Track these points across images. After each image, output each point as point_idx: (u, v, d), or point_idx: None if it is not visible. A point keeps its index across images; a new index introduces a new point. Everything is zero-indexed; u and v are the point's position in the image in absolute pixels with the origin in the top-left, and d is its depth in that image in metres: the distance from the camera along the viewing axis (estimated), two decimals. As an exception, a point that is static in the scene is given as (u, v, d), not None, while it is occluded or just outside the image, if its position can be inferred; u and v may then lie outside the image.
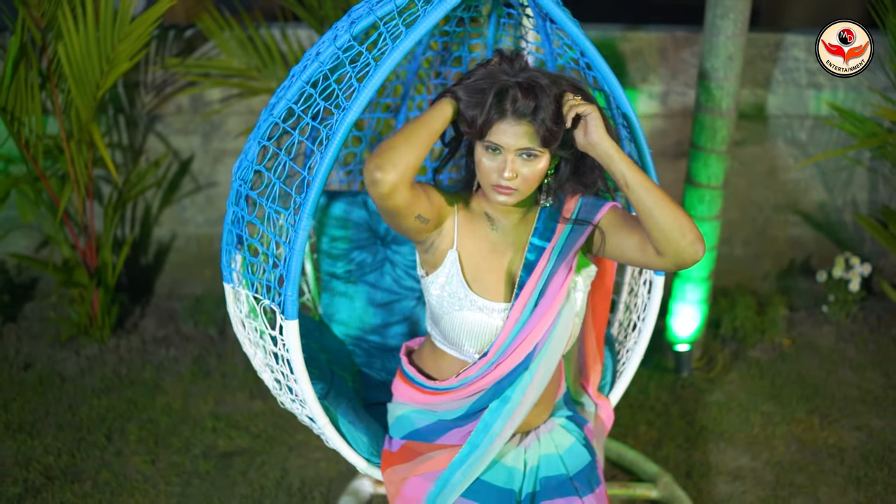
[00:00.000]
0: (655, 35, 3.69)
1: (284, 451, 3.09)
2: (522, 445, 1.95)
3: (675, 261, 1.67)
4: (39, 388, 3.42)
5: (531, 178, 1.75)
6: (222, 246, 2.00)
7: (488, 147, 1.74)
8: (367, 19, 1.77)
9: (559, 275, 1.80)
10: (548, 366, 1.84)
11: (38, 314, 3.91)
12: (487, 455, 1.85)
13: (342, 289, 2.49)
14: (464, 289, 1.82)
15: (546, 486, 1.87)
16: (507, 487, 1.86)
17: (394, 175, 1.64)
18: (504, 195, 1.76)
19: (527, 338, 1.80)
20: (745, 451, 3.09)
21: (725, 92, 3.12)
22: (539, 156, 1.74)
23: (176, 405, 3.34)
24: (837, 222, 3.99)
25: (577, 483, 1.88)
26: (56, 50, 3.23)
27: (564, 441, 1.96)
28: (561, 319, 1.81)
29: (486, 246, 1.85)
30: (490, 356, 1.82)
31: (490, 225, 1.86)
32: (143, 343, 3.73)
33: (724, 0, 3.01)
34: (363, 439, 2.00)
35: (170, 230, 4.03)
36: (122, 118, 3.79)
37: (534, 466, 1.91)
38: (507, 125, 1.71)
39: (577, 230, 1.82)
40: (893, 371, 3.52)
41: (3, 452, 3.07)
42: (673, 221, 1.64)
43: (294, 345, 1.84)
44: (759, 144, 3.86)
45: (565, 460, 1.92)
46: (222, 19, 3.48)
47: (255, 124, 3.72)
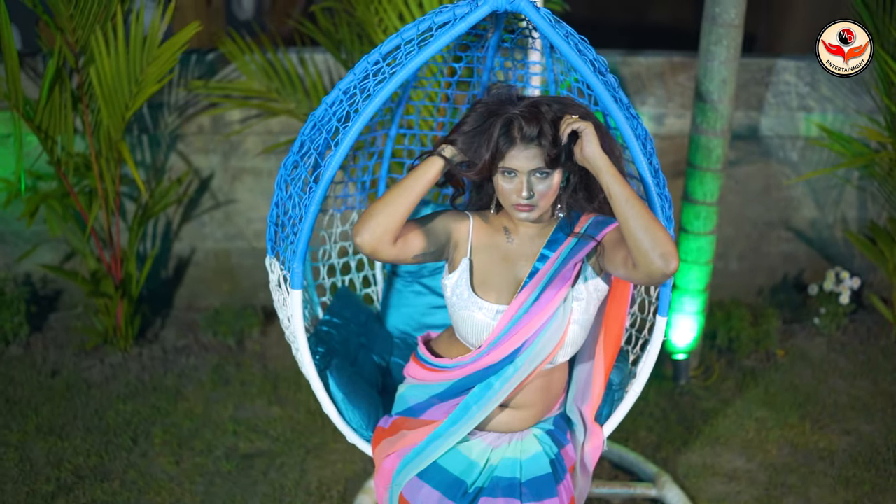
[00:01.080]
0: (654, 60, 3.89)
1: (302, 454, 3.25)
2: (492, 445, 2.09)
3: (646, 272, 1.80)
4: (67, 393, 3.59)
5: (547, 194, 1.93)
6: (268, 222, 2.26)
7: (504, 172, 1.93)
8: (393, 41, 2.01)
9: (557, 283, 1.97)
10: (532, 364, 1.99)
11: (62, 324, 4.08)
12: (457, 436, 2.02)
13: (402, 287, 2.69)
14: (469, 292, 2.01)
15: (495, 484, 2.01)
16: (461, 478, 2.01)
17: (372, 240, 1.88)
18: (524, 212, 1.95)
19: (516, 335, 1.97)
20: (739, 453, 3.25)
21: (720, 114, 3.31)
22: (551, 173, 1.92)
23: (197, 410, 3.50)
24: (828, 238, 4.18)
25: (526, 489, 1.99)
26: (88, 72, 3.42)
27: (530, 449, 2.08)
28: (552, 323, 1.97)
29: (500, 255, 2.04)
30: (483, 346, 2.01)
31: (506, 237, 2.05)
32: (164, 352, 3.90)
33: (718, 28, 3.20)
34: (355, 412, 2.20)
35: (189, 245, 4.21)
36: (145, 137, 3.98)
37: (493, 465, 2.05)
38: (517, 150, 1.90)
39: (581, 244, 1.99)
40: (881, 379, 3.69)
41: (36, 453, 3.23)
42: (646, 233, 1.78)
43: (296, 311, 2.10)
44: (752, 164, 4.05)
45: (523, 466, 2.04)
46: (244, 43, 3.67)
47: (272, 144, 3.93)
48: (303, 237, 2.02)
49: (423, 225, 2.01)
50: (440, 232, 2.03)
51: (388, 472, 2.08)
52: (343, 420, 2.20)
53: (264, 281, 4.22)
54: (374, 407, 2.25)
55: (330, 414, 2.20)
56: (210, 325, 3.98)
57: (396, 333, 2.67)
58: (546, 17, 1.91)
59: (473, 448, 2.06)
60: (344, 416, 2.21)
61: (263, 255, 4.22)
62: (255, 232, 4.19)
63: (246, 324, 3.98)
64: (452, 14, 1.94)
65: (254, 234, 4.19)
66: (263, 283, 4.25)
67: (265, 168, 4.07)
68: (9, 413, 3.46)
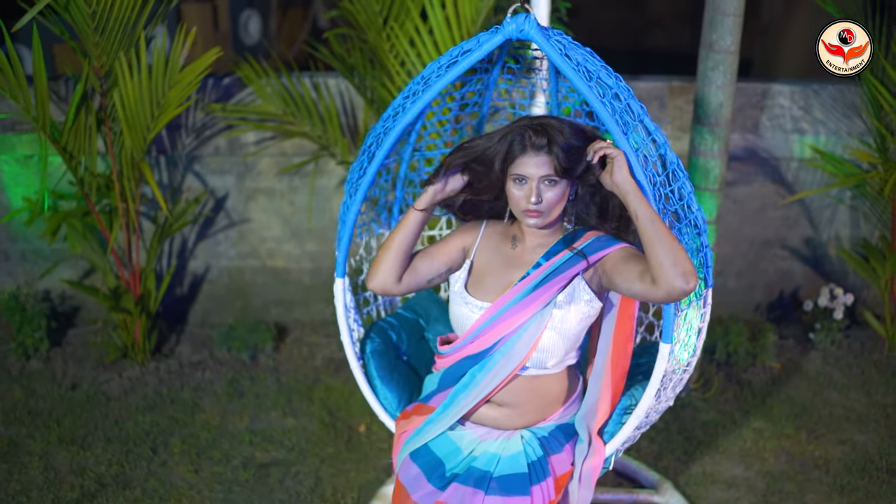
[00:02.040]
0: (653, 84, 4.04)
1: (317, 462, 3.37)
2: (481, 438, 2.23)
3: (667, 289, 1.93)
4: (87, 405, 3.71)
5: (554, 201, 2.08)
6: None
7: (516, 179, 2.09)
8: (432, 67, 2.26)
9: (542, 290, 2.11)
10: (508, 361, 2.13)
11: (80, 340, 4.20)
12: (450, 419, 2.21)
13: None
14: (461, 288, 2.22)
15: (470, 474, 2.13)
16: (443, 461, 2.18)
17: (377, 286, 2.22)
18: (533, 217, 2.09)
19: (493, 331, 2.14)
20: (738, 462, 3.37)
21: (717, 136, 3.46)
22: (559, 181, 2.07)
23: (214, 422, 3.62)
24: (823, 256, 4.32)
25: (495, 483, 2.10)
26: (111, 96, 3.57)
27: (512, 448, 2.19)
28: (529, 325, 2.11)
29: (501, 259, 2.22)
30: (463, 337, 2.20)
31: (512, 244, 2.22)
32: (181, 366, 4.02)
33: (715, 54, 3.36)
34: (389, 395, 2.46)
35: (204, 263, 4.34)
36: (163, 158, 4.12)
37: (474, 456, 2.18)
38: (528, 158, 2.06)
39: (575, 259, 2.13)
40: (875, 391, 3.82)
41: (59, 462, 3.34)
42: (669, 252, 1.92)
43: (338, 297, 2.44)
44: (749, 185, 4.20)
45: (500, 461, 2.16)
46: (259, 68, 3.83)
47: (286, 165, 4.08)
48: (346, 231, 2.34)
49: (432, 250, 2.25)
50: (451, 249, 2.25)
51: (396, 448, 2.31)
52: (377, 401, 2.45)
53: (276, 298, 4.38)
54: (408, 393, 2.47)
55: (365, 393, 2.46)
56: (224, 340, 4.10)
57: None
58: (556, 45, 2.06)
59: (464, 437, 2.23)
60: (378, 397, 2.45)
61: (275, 273, 4.36)
62: (267, 251, 4.33)
63: (259, 339, 4.10)
64: (477, 42, 2.14)
65: (267, 253, 4.33)
66: (275, 301, 4.40)
67: (278, 189, 4.21)
68: (32, 424, 3.57)
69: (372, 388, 2.48)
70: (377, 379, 2.48)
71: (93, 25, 3.37)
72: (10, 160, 4.10)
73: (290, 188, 4.21)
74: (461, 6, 3.37)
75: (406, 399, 2.47)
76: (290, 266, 4.35)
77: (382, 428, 3.57)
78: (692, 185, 2.23)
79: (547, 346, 2.13)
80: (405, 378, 2.52)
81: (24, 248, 4.30)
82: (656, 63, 5.25)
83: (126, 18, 3.41)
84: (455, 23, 3.40)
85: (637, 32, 10.87)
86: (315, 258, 4.33)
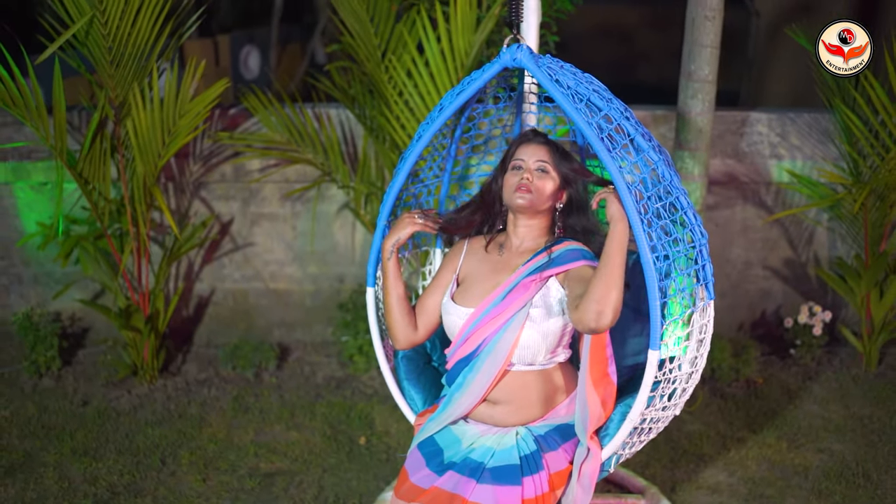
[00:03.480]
0: (638, 113, 4.26)
1: (320, 472, 3.52)
2: (481, 433, 2.40)
3: (580, 316, 2.09)
4: (98, 420, 3.86)
5: (542, 189, 2.32)
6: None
7: (513, 167, 2.37)
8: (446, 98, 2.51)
9: (519, 290, 2.30)
10: (495, 359, 2.30)
11: (90, 359, 4.37)
12: (448, 416, 2.40)
13: None
14: (448, 300, 2.44)
15: (466, 464, 2.29)
16: (443, 450, 2.36)
17: (402, 341, 2.48)
18: (522, 193, 2.32)
19: (476, 332, 2.33)
20: (722, 469, 3.54)
21: (697, 160, 3.67)
22: (549, 173, 2.32)
23: (220, 435, 3.77)
24: (802, 276, 4.52)
25: (488, 473, 2.25)
26: (125, 124, 3.77)
27: (507, 443, 2.34)
28: (510, 324, 2.29)
29: (488, 267, 2.43)
30: (454, 342, 2.41)
31: (499, 251, 2.43)
32: (187, 384, 4.18)
33: (694, 83, 3.58)
34: (416, 396, 2.66)
35: (209, 285, 4.52)
36: (171, 185, 4.32)
37: (472, 448, 2.34)
38: (526, 146, 2.39)
39: (549, 264, 2.32)
40: (853, 404, 4.00)
41: (73, 472, 3.49)
42: (605, 288, 2.06)
43: (370, 306, 2.65)
44: (730, 208, 4.41)
45: (495, 454, 2.31)
46: (265, 98, 4.04)
47: (289, 191, 4.28)
48: (375, 246, 2.58)
49: (431, 287, 2.51)
50: (445, 277, 2.49)
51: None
52: (403, 399, 2.67)
53: (279, 320, 4.56)
54: (434, 394, 2.67)
55: (393, 393, 2.69)
56: (229, 358, 4.27)
57: None
58: (545, 70, 2.26)
59: (466, 432, 2.40)
60: (405, 396, 2.68)
61: (278, 295, 4.54)
62: (271, 274, 4.51)
63: (263, 358, 4.27)
64: (481, 72, 2.40)
65: (270, 276, 4.51)
66: (278, 322, 4.57)
67: (281, 214, 4.41)
68: (45, 437, 3.73)
69: (400, 389, 2.70)
70: (405, 381, 2.70)
71: (109, 58, 3.58)
72: (25, 187, 4.29)
73: (292, 213, 4.40)
74: (455, 40, 3.59)
75: (431, 400, 2.67)
76: (291, 288, 4.53)
77: (382, 440, 3.73)
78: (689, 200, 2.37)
79: (528, 342, 2.29)
80: (431, 381, 2.72)
81: (36, 272, 4.47)
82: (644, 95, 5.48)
83: (139, 52, 3.63)
84: (450, 55, 3.61)
85: (626, 67, 11.18)
86: (316, 280, 4.52)
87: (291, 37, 9.77)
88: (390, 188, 2.59)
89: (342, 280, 4.50)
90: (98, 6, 3.42)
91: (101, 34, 3.51)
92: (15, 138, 4.20)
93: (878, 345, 4.24)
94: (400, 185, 2.56)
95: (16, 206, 4.34)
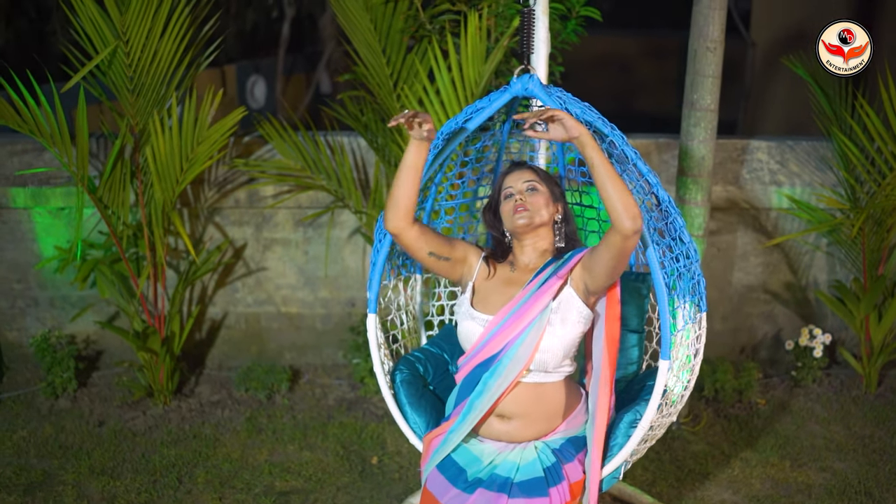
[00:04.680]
0: (641, 141, 4.39)
1: (334, 490, 3.60)
2: (499, 449, 2.49)
3: (619, 227, 2.21)
4: (114, 440, 3.94)
5: (535, 202, 2.47)
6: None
7: (506, 196, 2.52)
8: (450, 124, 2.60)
9: (536, 297, 2.42)
10: (516, 364, 2.40)
11: (104, 381, 4.45)
12: (466, 427, 2.45)
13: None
14: (468, 306, 2.53)
15: (493, 480, 2.39)
16: (465, 469, 2.43)
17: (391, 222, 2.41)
18: (520, 213, 2.46)
19: (499, 336, 2.43)
20: (726, 487, 3.62)
21: (700, 186, 3.78)
22: (538, 189, 2.48)
23: (235, 455, 3.85)
24: (802, 300, 4.62)
25: (517, 488, 2.36)
26: (144, 151, 3.89)
27: (528, 457, 2.46)
28: (531, 329, 2.40)
29: (502, 280, 2.55)
30: (472, 348, 2.48)
31: (511, 268, 2.54)
32: (201, 405, 4.26)
33: (696, 112, 3.70)
34: (418, 420, 2.70)
35: (222, 309, 4.62)
36: (186, 211, 4.42)
37: (495, 465, 2.45)
38: (510, 175, 2.56)
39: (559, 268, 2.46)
40: (854, 424, 4.09)
41: (91, 490, 3.57)
42: (619, 195, 2.20)
43: (371, 332, 2.68)
44: (732, 233, 4.52)
45: (519, 469, 2.42)
46: (280, 126, 4.16)
47: (301, 217, 4.38)
48: (376, 272, 2.64)
49: (444, 235, 2.60)
50: (457, 247, 2.58)
51: (424, 461, 2.54)
52: (407, 424, 2.69)
53: (290, 343, 4.65)
54: (435, 417, 2.72)
55: (396, 418, 2.70)
56: (242, 381, 4.35)
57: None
58: (556, 99, 2.38)
59: (484, 450, 2.49)
60: (408, 421, 2.70)
61: (289, 319, 4.64)
62: (283, 298, 4.60)
63: (275, 380, 4.35)
64: (488, 101, 2.49)
65: (282, 300, 4.61)
66: (289, 345, 4.66)
67: (293, 239, 4.51)
68: (63, 456, 3.80)
69: (402, 414, 2.73)
70: (407, 406, 2.72)
71: (130, 87, 3.70)
72: (43, 212, 4.39)
73: (304, 238, 4.50)
74: (465, 70, 3.71)
75: (434, 423, 2.71)
76: (303, 312, 4.63)
77: (393, 459, 3.81)
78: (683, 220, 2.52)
79: (548, 347, 2.41)
80: (432, 405, 2.77)
81: (52, 295, 4.56)
82: (644, 124, 5.61)
83: (159, 81, 3.76)
84: (460, 84, 3.73)
85: (626, 96, 11.36)
86: (327, 305, 4.61)
87: (296, 67, 9.96)
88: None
89: (353, 304, 4.59)
90: (122, 36, 3.54)
91: (124, 63, 3.64)
92: (34, 164, 4.31)
93: (877, 367, 4.33)
94: None
95: (34, 230, 4.44)
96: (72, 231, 4.37)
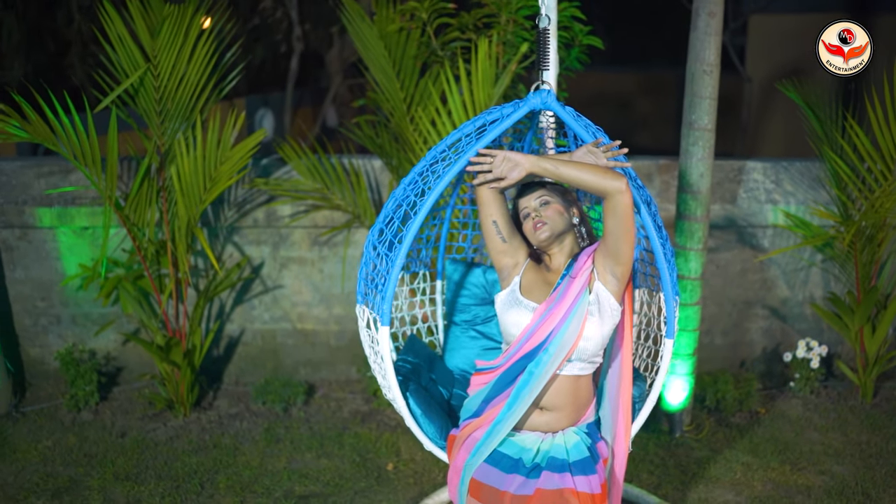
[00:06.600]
0: (643, 163, 4.59)
1: (351, 494, 3.73)
2: (541, 439, 2.64)
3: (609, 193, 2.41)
4: (137, 449, 4.08)
5: (550, 215, 2.62)
6: (358, 278, 2.82)
7: (524, 217, 2.66)
8: (455, 135, 2.69)
9: (571, 290, 2.58)
10: (562, 350, 2.55)
11: (125, 395, 4.60)
12: (514, 418, 2.56)
13: (459, 333, 3.24)
14: (518, 294, 2.66)
15: (549, 463, 2.56)
16: (519, 458, 2.57)
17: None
18: (540, 229, 2.62)
19: (545, 323, 2.57)
20: (729, 489, 3.76)
21: (699, 202, 3.97)
22: (551, 202, 2.63)
23: (254, 462, 3.99)
24: (799, 314, 4.79)
25: (573, 466, 2.55)
26: (169, 171, 4.08)
27: (572, 440, 2.64)
28: (574, 314, 2.56)
29: (542, 278, 2.70)
30: (520, 337, 2.60)
31: (546, 269, 2.70)
32: (220, 417, 4.41)
33: (694, 132, 3.90)
34: (430, 425, 2.78)
35: (240, 326, 4.78)
36: (206, 230, 4.60)
37: (546, 450, 2.60)
38: (522, 198, 2.68)
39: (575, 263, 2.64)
40: (851, 431, 4.23)
41: (117, 495, 3.70)
42: (594, 177, 2.42)
43: (384, 344, 2.65)
44: (730, 251, 4.70)
45: (569, 451, 2.60)
46: (299, 148, 4.36)
47: (317, 237, 4.56)
48: (390, 284, 2.59)
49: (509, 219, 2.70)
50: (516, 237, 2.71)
51: (458, 467, 2.61)
52: (421, 431, 2.76)
53: (305, 359, 4.81)
54: (445, 421, 2.83)
55: (411, 426, 2.75)
56: (260, 394, 4.50)
57: (456, 371, 3.23)
58: (570, 114, 2.59)
59: (526, 441, 2.63)
60: (422, 428, 2.77)
61: (305, 335, 4.80)
62: (298, 315, 4.77)
63: (292, 393, 4.50)
64: (500, 113, 2.62)
65: (297, 317, 4.77)
66: (304, 361, 4.81)
67: (309, 258, 4.69)
68: (88, 464, 3.94)
69: (416, 421, 2.80)
70: (420, 416, 2.80)
71: (158, 108, 3.91)
72: (68, 231, 4.57)
73: (320, 257, 4.68)
74: (476, 93, 3.92)
75: (446, 428, 2.82)
76: (318, 329, 4.79)
77: (408, 466, 3.94)
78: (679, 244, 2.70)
79: (590, 335, 2.57)
80: (438, 414, 2.86)
81: (74, 313, 4.73)
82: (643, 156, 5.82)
83: (185, 104, 3.96)
84: (471, 106, 3.94)
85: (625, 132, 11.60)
86: (341, 321, 4.77)
87: (303, 101, 10.22)
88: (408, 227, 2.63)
89: (365, 320, 4.75)
90: (153, 59, 3.75)
91: (153, 86, 3.84)
92: (60, 185, 4.50)
93: (872, 377, 4.49)
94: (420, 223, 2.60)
95: (58, 249, 4.62)
96: (95, 250, 4.54)
